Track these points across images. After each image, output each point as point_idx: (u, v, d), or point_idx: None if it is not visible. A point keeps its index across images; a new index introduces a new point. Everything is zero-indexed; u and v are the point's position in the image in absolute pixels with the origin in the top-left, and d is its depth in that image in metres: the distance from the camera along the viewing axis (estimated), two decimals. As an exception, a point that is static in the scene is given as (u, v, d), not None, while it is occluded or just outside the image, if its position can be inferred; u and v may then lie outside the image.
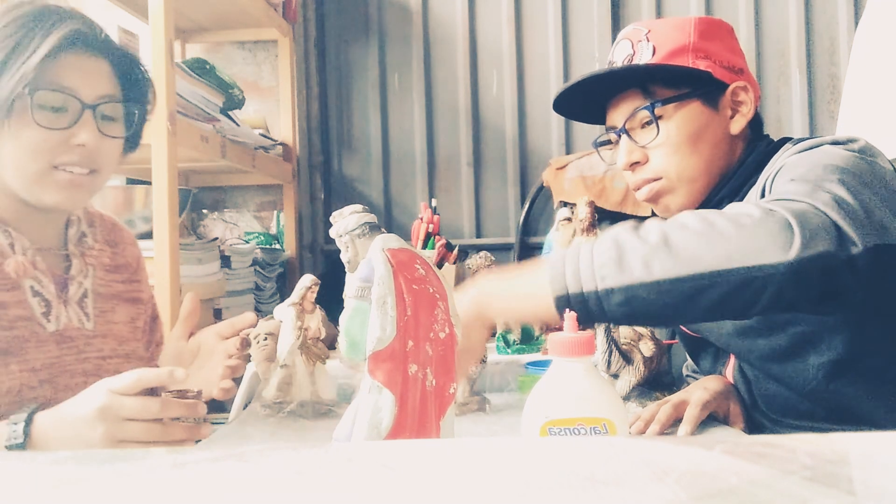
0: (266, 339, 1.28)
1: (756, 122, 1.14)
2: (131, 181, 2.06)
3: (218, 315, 2.02)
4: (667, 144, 1.08)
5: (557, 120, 2.58)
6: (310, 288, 1.22)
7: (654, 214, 2.53)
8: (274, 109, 2.55)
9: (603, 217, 2.47)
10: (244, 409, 1.33)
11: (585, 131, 2.57)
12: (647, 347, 1.24)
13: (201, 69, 1.93)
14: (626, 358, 1.22)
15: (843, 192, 0.81)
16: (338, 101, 2.67)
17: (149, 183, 1.68)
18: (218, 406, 2.40)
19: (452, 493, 0.42)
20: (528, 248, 2.53)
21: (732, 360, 1.15)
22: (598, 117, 1.18)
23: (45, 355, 0.95)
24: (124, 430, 0.80)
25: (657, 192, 1.10)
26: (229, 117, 2.04)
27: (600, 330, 1.33)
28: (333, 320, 0.80)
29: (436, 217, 2.08)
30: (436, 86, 2.63)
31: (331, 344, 1.30)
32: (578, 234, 1.77)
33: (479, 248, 2.29)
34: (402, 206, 2.64)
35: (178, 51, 2.47)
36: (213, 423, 1.21)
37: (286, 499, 0.42)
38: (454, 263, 2.01)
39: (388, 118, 2.65)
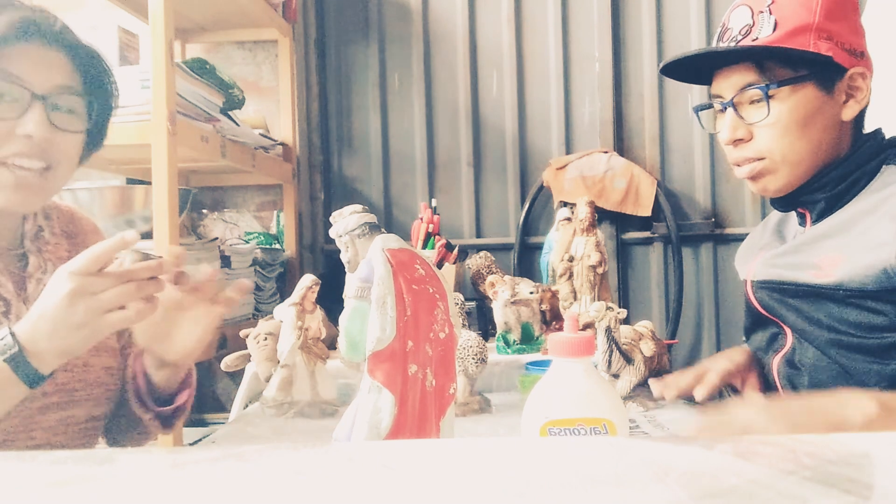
0: (266, 339, 1.28)
1: (863, 111, 1.10)
2: (131, 181, 2.06)
3: (218, 315, 2.02)
4: (776, 126, 1.05)
5: (557, 120, 2.58)
6: (310, 288, 1.23)
7: (652, 216, 2.52)
8: (274, 109, 2.55)
9: (603, 217, 2.47)
10: (244, 408, 1.33)
11: (585, 131, 2.57)
12: (647, 347, 1.24)
13: (201, 69, 1.93)
14: (627, 358, 1.22)
15: None
16: (338, 101, 2.67)
17: (149, 183, 1.68)
18: (218, 406, 2.40)
19: (452, 493, 0.42)
20: (528, 248, 2.53)
21: (785, 349, 1.13)
22: (702, 78, 1.15)
23: None
24: (101, 302, 0.82)
25: (759, 171, 1.08)
26: (229, 117, 2.04)
27: (601, 330, 1.33)
28: (333, 320, 0.81)
29: (436, 217, 2.08)
30: (436, 86, 2.63)
31: (331, 344, 1.30)
32: (578, 233, 1.78)
33: (479, 248, 2.29)
34: (402, 206, 2.64)
35: (178, 51, 2.47)
36: (213, 424, 1.22)
37: (286, 499, 0.42)
38: (454, 263, 2.01)
39: (388, 118, 2.65)
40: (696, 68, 1.13)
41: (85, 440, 1.04)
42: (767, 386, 1.14)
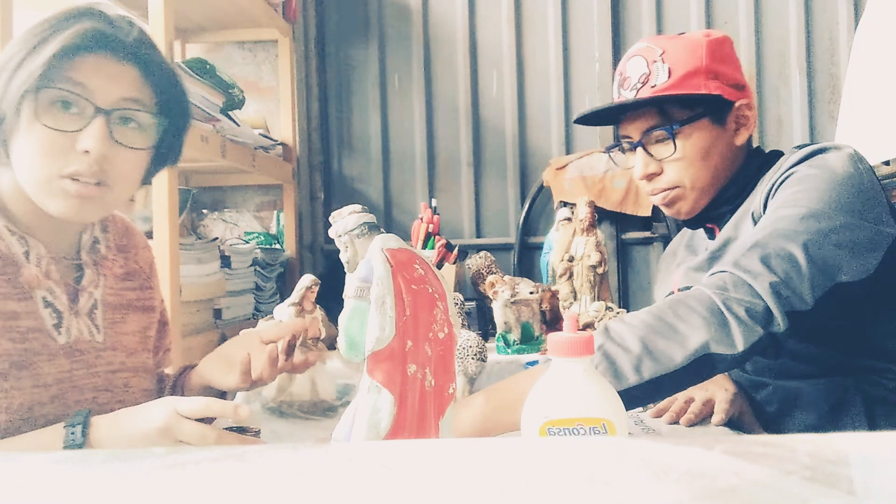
0: (266, 339, 1.28)
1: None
2: (131, 181, 2.05)
3: (218, 315, 2.02)
4: (682, 160, 1.20)
5: (557, 120, 2.58)
6: (310, 288, 1.23)
7: (652, 216, 2.53)
8: (274, 109, 2.55)
9: (603, 217, 2.47)
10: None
11: (585, 131, 2.57)
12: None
13: (201, 69, 1.93)
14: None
15: (798, 258, 0.97)
16: (338, 101, 2.67)
17: (149, 183, 1.68)
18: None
19: (452, 493, 0.42)
20: (528, 248, 2.53)
21: None
22: (610, 120, 1.30)
23: (57, 370, 0.91)
24: (178, 436, 0.80)
25: (672, 199, 1.23)
26: (229, 117, 2.04)
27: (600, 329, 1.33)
28: (333, 320, 0.81)
29: (436, 217, 2.08)
30: (436, 86, 2.63)
31: (331, 344, 1.30)
32: (578, 233, 1.77)
33: (479, 248, 2.29)
34: (402, 206, 2.64)
35: (178, 51, 2.47)
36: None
37: (286, 499, 0.42)
38: (454, 263, 2.01)
39: (388, 118, 2.65)
40: (605, 115, 1.28)
41: None
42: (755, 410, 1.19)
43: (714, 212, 1.23)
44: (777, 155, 1.22)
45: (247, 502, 0.41)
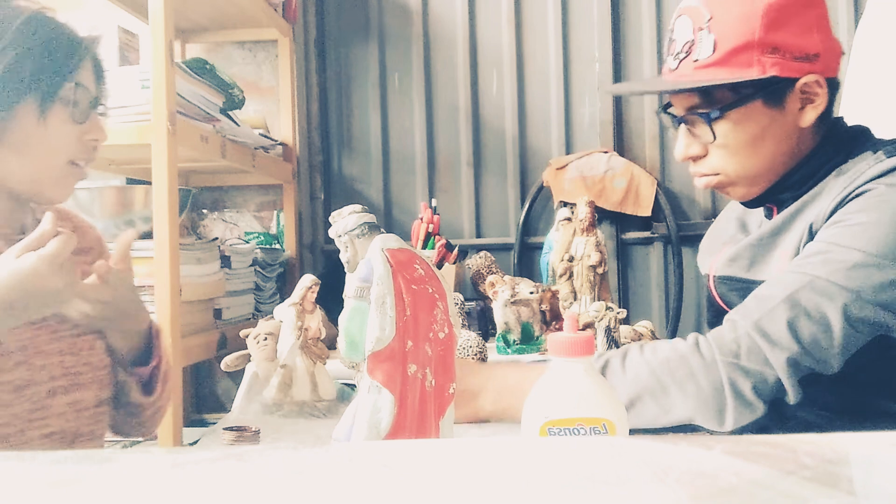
0: (266, 338, 1.28)
1: (829, 106, 1.05)
2: (131, 181, 2.06)
3: (218, 315, 2.02)
4: (726, 147, 1.03)
5: (557, 120, 2.58)
6: (310, 288, 1.23)
7: (652, 216, 2.52)
8: (274, 109, 2.55)
9: (603, 217, 2.47)
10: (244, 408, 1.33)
11: (585, 131, 2.57)
12: (647, 347, 1.23)
13: (201, 69, 1.93)
14: (626, 358, 1.22)
15: (832, 323, 0.88)
16: (338, 101, 2.67)
17: (149, 183, 1.68)
18: (218, 406, 2.40)
19: (452, 493, 0.42)
20: (528, 248, 2.53)
21: None
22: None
23: (18, 337, 0.96)
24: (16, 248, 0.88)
25: (717, 184, 1.08)
26: (229, 117, 2.04)
27: (601, 330, 1.33)
28: (333, 320, 0.81)
29: (436, 217, 2.08)
30: (436, 86, 2.63)
31: (331, 344, 1.30)
32: (578, 233, 1.77)
33: (479, 248, 2.29)
34: (402, 206, 2.64)
35: (178, 51, 2.47)
36: (213, 424, 1.22)
37: (286, 499, 0.42)
38: (454, 263, 2.01)
39: (388, 118, 2.65)
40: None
41: (96, 426, 1.07)
42: None
43: (773, 197, 1.08)
44: (861, 136, 1.05)
45: (247, 502, 0.41)
